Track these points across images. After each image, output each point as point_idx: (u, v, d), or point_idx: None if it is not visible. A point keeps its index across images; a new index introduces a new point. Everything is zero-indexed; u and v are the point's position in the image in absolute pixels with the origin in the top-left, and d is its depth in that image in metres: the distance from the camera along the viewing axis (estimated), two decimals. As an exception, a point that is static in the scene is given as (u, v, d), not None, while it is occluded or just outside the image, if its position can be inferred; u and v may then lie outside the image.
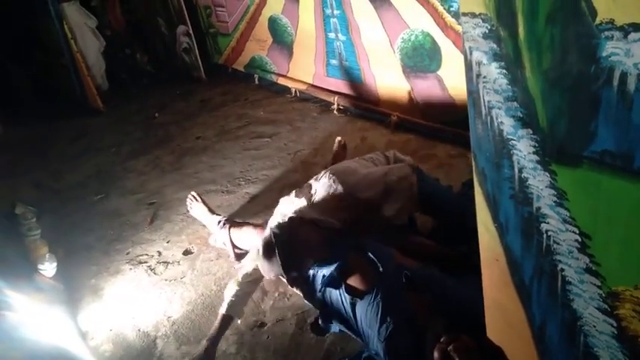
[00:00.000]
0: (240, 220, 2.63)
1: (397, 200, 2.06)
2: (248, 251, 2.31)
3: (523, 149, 0.97)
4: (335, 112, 3.78)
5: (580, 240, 0.93)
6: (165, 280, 2.50)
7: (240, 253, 2.41)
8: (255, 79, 4.63)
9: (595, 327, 0.97)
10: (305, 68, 4.03)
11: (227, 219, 2.58)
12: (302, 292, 2.11)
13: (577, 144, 0.84)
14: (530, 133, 0.94)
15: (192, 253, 2.64)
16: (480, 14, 0.92)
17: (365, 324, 1.73)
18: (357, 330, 1.80)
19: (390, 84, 3.35)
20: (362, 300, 1.76)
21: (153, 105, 4.77)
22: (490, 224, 1.17)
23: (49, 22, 4.47)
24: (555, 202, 0.94)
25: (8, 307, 2.16)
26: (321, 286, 1.91)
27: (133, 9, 5.41)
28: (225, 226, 2.48)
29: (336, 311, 1.90)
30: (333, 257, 1.89)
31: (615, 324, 0.93)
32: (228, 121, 4.13)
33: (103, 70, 5.10)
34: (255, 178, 3.20)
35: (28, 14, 4.77)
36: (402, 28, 3.04)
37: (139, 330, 2.24)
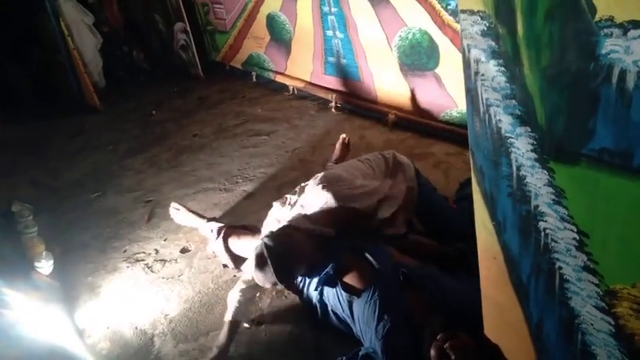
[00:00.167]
0: (236, 224, 2.54)
1: (393, 205, 2.05)
2: (247, 258, 2.28)
3: (521, 147, 0.97)
4: (333, 110, 3.78)
5: (578, 238, 0.93)
6: (163, 278, 2.49)
7: (239, 260, 2.38)
8: (253, 77, 4.62)
9: (593, 325, 0.97)
10: (303, 66, 4.02)
11: (221, 226, 2.46)
12: (298, 294, 2.11)
13: (575, 142, 0.84)
14: (529, 130, 0.94)
15: (190, 250, 2.64)
16: (479, 11, 0.92)
17: (362, 322, 1.73)
18: (354, 328, 1.81)
19: (387, 82, 3.35)
20: (359, 298, 1.76)
21: (150, 102, 4.75)
22: (488, 222, 1.17)
23: (46, 18, 4.44)
24: (553, 200, 0.94)
25: (5, 305, 2.16)
26: (318, 285, 1.91)
27: (130, 6, 5.39)
28: (220, 237, 2.40)
29: (333, 310, 1.90)
30: (327, 259, 1.89)
31: (613, 322, 0.93)
32: (226, 118, 4.12)
33: (100, 67, 5.07)
34: (252, 176, 3.19)
35: (24, 11, 4.75)
36: (400, 26, 3.04)
37: (136, 328, 2.23)
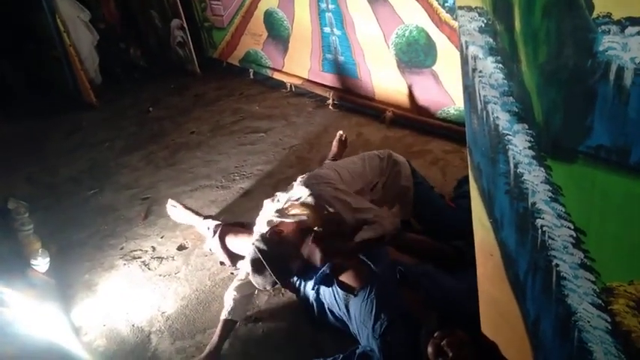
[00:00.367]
0: (233, 222, 2.54)
1: (375, 231, 1.99)
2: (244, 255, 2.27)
3: (518, 144, 0.96)
4: (330, 107, 3.77)
5: (575, 235, 0.93)
6: (160, 275, 2.49)
7: (236, 257, 2.37)
8: (250, 74, 4.61)
9: (589, 322, 0.97)
10: (300, 63, 4.01)
11: (218, 224, 2.46)
12: (295, 293, 2.11)
13: (572, 139, 0.84)
14: (526, 127, 0.93)
15: (187, 248, 2.63)
16: (476, 8, 0.92)
17: (359, 321, 1.73)
18: (351, 327, 1.81)
19: (385, 79, 3.34)
20: (356, 297, 1.76)
21: (147, 99, 4.73)
22: (485, 219, 1.17)
23: (42, 15, 4.42)
24: (550, 197, 0.94)
25: (1, 302, 2.15)
26: (315, 284, 1.91)
27: (126, 2, 5.36)
28: (217, 234, 2.39)
29: (329, 308, 1.90)
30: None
31: (609, 319, 0.93)
32: (223, 115, 4.11)
33: (96, 64, 5.05)
34: (250, 173, 3.19)
35: (20, 7, 4.72)
36: (397, 23, 3.03)
37: (132, 325, 2.23)
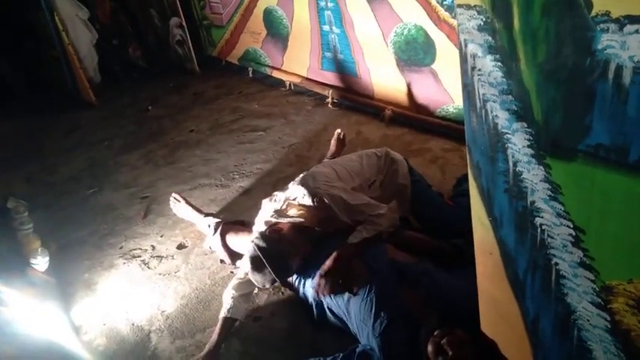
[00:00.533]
0: (233, 220, 2.55)
1: (385, 201, 2.04)
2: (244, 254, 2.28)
3: (518, 143, 0.96)
4: (329, 105, 3.77)
5: (574, 234, 0.93)
6: (159, 274, 2.49)
7: (236, 256, 2.36)
8: (249, 72, 4.60)
9: (589, 321, 0.97)
10: (299, 61, 4.01)
11: (218, 222, 2.47)
12: (294, 292, 2.11)
13: (572, 137, 0.84)
14: (525, 126, 0.93)
15: (186, 247, 2.63)
16: (475, 6, 0.92)
17: (359, 319, 1.73)
18: (350, 325, 1.81)
19: (384, 78, 3.34)
20: (355, 295, 1.76)
21: (146, 98, 4.73)
22: (484, 218, 1.17)
23: (40, 13, 4.41)
24: (550, 195, 0.94)
25: (1, 302, 2.15)
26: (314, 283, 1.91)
27: (125, 1, 5.34)
28: (217, 232, 2.39)
29: (329, 307, 1.90)
30: (323, 257, 1.89)
31: (609, 318, 0.93)
32: (222, 114, 4.10)
33: (95, 62, 5.03)
34: (249, 172, 3.19)
35: (19, 6, 4.71)
36: (395, 21, 3.03)
37: (132, 324, 2.23)
